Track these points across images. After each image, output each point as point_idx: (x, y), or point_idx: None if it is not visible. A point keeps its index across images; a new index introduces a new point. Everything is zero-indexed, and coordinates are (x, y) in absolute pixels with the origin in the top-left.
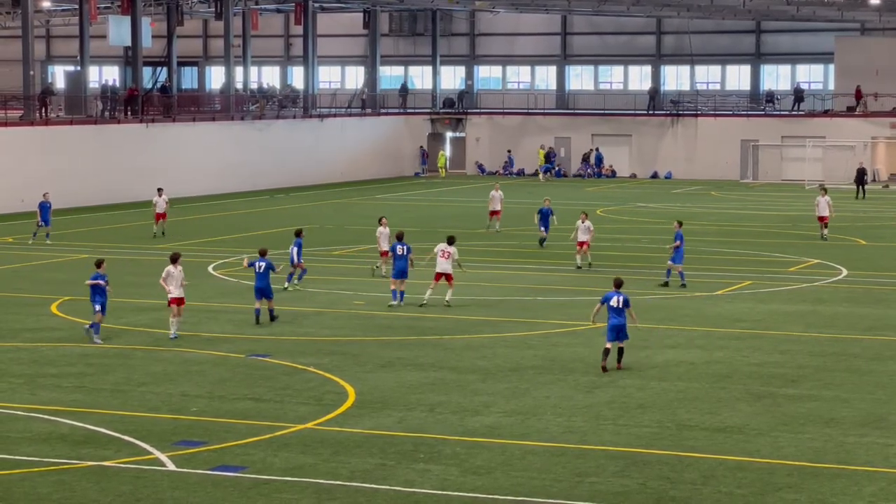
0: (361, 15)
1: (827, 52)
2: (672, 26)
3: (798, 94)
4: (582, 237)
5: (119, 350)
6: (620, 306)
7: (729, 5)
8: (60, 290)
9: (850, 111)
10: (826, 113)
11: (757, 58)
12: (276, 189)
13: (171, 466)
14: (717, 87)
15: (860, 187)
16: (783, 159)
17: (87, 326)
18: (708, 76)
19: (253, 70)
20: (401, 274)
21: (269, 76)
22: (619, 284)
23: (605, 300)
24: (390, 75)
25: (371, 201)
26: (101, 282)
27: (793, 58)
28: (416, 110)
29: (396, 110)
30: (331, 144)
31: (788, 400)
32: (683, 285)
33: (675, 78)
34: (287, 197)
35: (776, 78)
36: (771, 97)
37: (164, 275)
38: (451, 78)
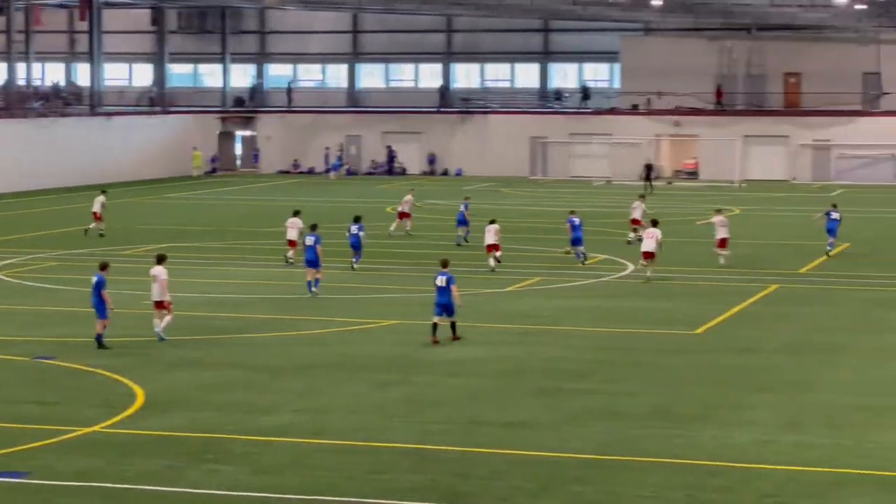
0: (149, 11)
1: (612, 52)
2: (462, 24)
3: (585, 92)
4: (490, 240)
5: None
6: (445, 285)
7: (517, 4)
8: None
9: (634, 109)
10: (612, 111)
11: (545, 56)
12: (61, 189)
13: None
14: (507, 84)
15: (648, 183)
16: (571, 156)
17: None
18: (497, 74)
19: (36, 67)
20: (310, 263)
21: (53, 73)
22: (444, 264)
23: (434, 280)
24: (179, 73)
25: (161, 200)
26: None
27: (580, 56)
28: (207, 109)
29: (186, 108)
30: (119, 143)
31: (576, 394)
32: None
33: (466, 76)
34: (76, 196)
35: (564, 76)
36: (559, 95)
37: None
38: (242, 76)
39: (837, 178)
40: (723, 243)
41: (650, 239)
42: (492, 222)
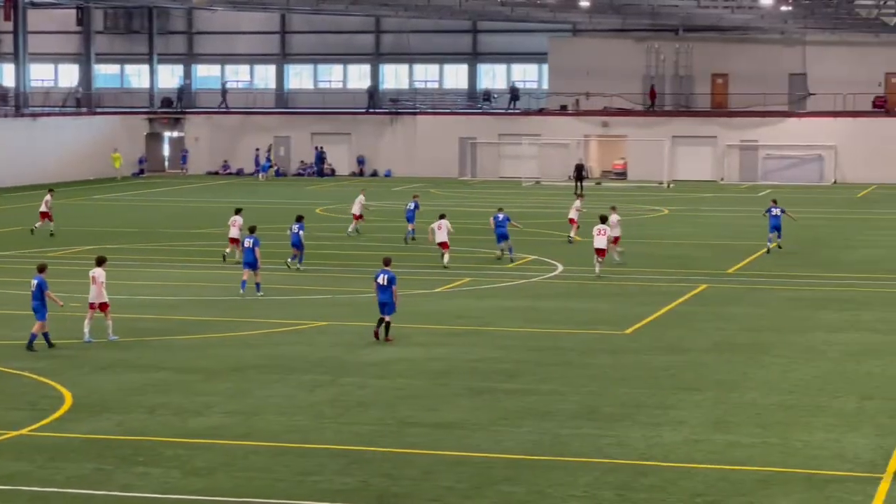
0: (75, 11)
1: (541, 53)
2: (390, 25)
3: (514, 93)
4: (441, 238)
5: None
6: (385, 283)
7: (446, 5)
8: None
9: (563, 109)
10: (541, 111)
11: (474, 57)
12: None
13: None
14: (436, 85)
15: (579, 183)
16: (501, 157)
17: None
18: (426, 75)
19: None
20: (248, 265)
21: None
22: (387, 262)
23: (375, 278)
24: (105, 74)
25: (87, 202)
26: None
27: (508, 57)
28: (134, 109)
29: (112, 109)
30: (45, 144)
31: (507, 394)
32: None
33: (394, 76)
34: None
35: (493, 77)
36: (488, 96)
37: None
38: (169, 77)
39: (764, 178)
40: (616, 241)
41: (601, 236)
42: (441, 217)
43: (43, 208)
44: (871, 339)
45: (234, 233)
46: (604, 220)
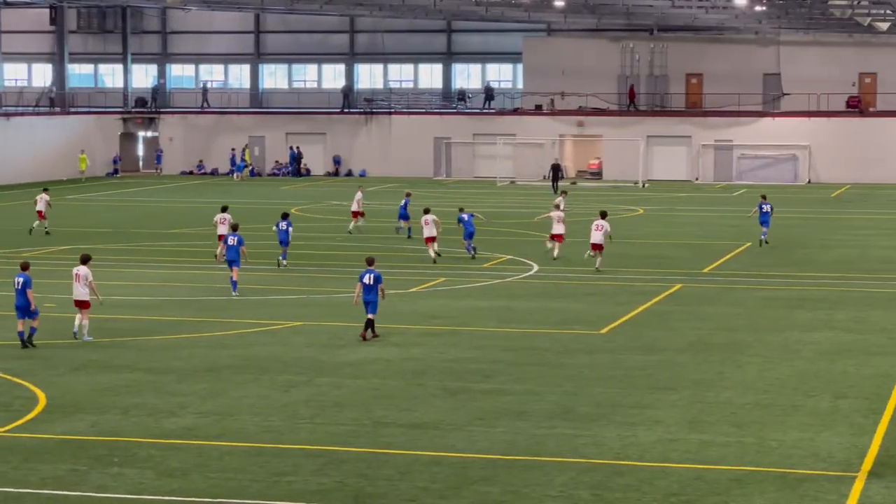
0: (48, 10)
1: (515, 52)
2: (365, 25)
3: (488, 93)
4: (429, 233)
5: None
6: (371, 283)
7: (420, 5)
8: None
9: (538, 109)
10: (516, 111)
11: (449, 57)
12: None
13: None
14: (410, 85)
15: (555, 183)
16: (475, 156)
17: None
18: (401, 74)
19: None
20: (232, 263)
21: None
22: (370, 262)
23: (360, 278)
24: (79, 73)
25: (61, 202)
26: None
27: (483, 57)
28: (108, 109)
29: (86, 109)
30: (18, 144)
31: (482, 395)
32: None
33: (369, 76)
34: None
35: (467, 77)
36: (462, 95)
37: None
38: (143, 76)
39: (739, 178)
40: (558, 237)
41: (598, 231)
42: (426, 211)
43: (40, 207)
44: (845, 339)
45: (222, 230)
46: (604, 215)
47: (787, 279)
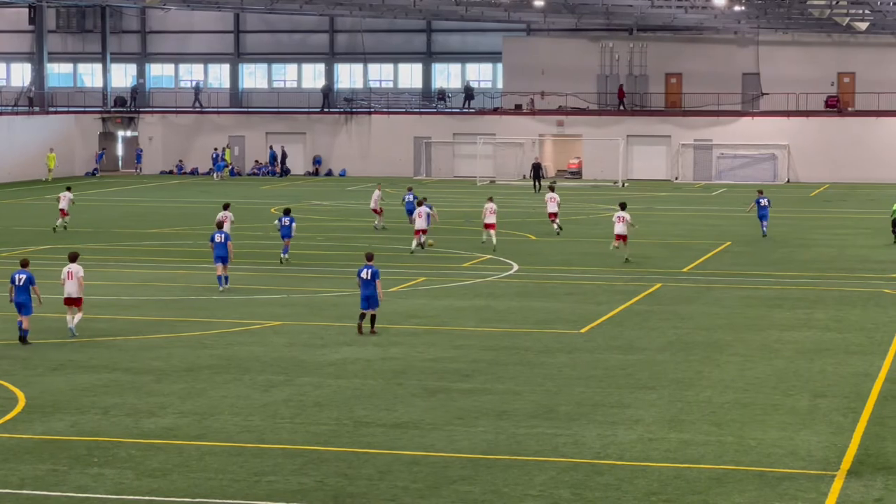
0: (27, 10)
1: (495, 52)
2: (345, 25)
3: (468, 93)
4: (420, 225)
5: None
6: (369, 278)
7: (400, 4)
8: None
9: (518, 109)
10: (496, 111)
11: (428, 56)
12: None
13: None
14: (390, 84)
15: (536, 182)
16: (455, 156)
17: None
18: (381, 74)
19: None
20: (219, 259)
21: None
22: (369, 258)
23: (358, 273)
24: (58, 73)
25: (40, 202)
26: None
27: (463, 57)
28: (87, 109)
29: (66, 109)
30: None
31: (462, 394)
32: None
33: (349, 76)
34: None
35: (447, 76)
36: (442, 95)
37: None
38: (123, 76)
39: (719, 177)
40: (492, 226)
41: (620, 223)
42: (420, 204)
43: (63, 205)
44: (824, 338)
45: (226, 227)
46: (623, 206)
47: (767, 278)
